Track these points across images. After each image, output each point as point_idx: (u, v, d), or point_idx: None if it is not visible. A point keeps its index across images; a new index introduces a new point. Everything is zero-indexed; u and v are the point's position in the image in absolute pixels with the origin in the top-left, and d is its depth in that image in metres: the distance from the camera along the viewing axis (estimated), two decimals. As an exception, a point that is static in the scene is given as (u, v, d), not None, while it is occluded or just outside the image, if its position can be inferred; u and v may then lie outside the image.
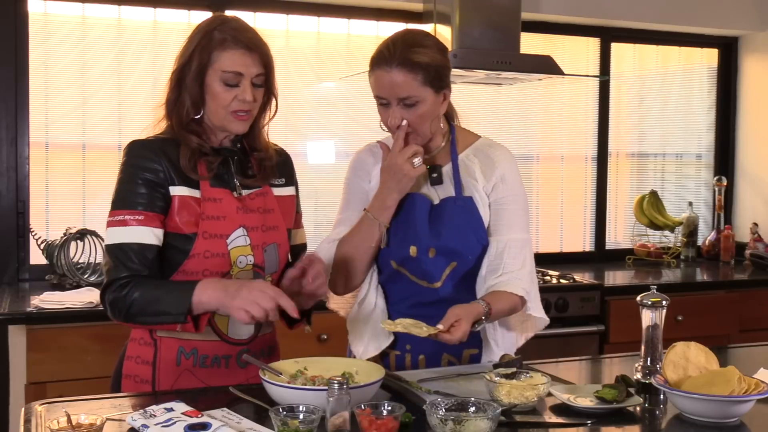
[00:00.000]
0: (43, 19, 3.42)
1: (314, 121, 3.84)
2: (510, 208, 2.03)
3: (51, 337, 2.85)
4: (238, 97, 1.82)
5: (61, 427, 1.42)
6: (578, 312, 3.53)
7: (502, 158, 2.05)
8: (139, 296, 1.74)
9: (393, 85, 1.90)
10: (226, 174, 1.89)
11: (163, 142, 1.85)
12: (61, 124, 3.47)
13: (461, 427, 1.43)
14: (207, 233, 1.81)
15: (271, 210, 1.93)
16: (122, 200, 1.80)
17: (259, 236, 1.88)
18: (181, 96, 1.85)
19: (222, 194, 1.85)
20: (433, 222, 2.00)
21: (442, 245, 1.98)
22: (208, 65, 1.81)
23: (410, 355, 2.03)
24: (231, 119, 1.84)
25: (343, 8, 3.82)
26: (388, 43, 1.93)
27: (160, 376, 1.86)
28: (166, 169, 1.81)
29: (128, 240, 1.77)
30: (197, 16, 3.61)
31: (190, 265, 1.82)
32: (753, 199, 4.57)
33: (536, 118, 4.30)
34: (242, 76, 1.81)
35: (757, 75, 4.55)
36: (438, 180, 2.02)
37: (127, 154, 1.84)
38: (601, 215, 4.42)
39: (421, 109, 1.93)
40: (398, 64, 1.88)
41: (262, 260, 1.89)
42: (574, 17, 4.12)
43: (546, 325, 2.10)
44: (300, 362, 1.76)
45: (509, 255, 1.99)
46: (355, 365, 1.77)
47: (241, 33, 1.82)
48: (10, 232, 3.36)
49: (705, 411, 1.60)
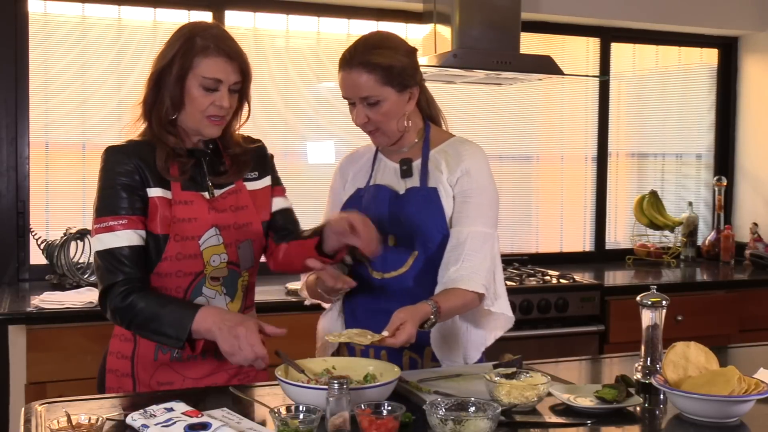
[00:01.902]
0: (43, 19, 3.42)
1: (314, 121, 3.84)
2: (474, 201, 2.02)
3: (51, 337, 2.85)
4: (215, 103, 1.87)
5: (61, 427, 1.42)
6: (578, 312, 3.53)
7: (470, 153, 2.06)
8: (142, 309, 1.80)
9: (354, 85, 1.97)
10: (198, 176, 1.94)
11: (138, 144, 1.90)
12: (61, 124, 3.47)
13: (461, 427, 1.43)
14: (178, 236, 1.87)
15: (244, 207, 1.98)
16: (105, 207, 1.86)
17: (232, 234, 1.93)
18: (160, 96, 1.89)
19: (193, 197, 1.90)
20: (394, 211, 2.04)
21: (401, 232, 2.02)
22: (189, 70, 1.86)
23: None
24: (206, 123, 1.89)
25: (343, 8, 3.83)
26: (351, 45, 2.01)
27: (139, 370, 1.92)
28: (141, 171, 1.86)
29: (118, 245, 1.83)
30: (197, 16, 3.61)
31: (163, 266, 1.87)
32: (753, 199, 4.57)
33: (536, 118, 4.30)
34: (221, 82, 1.87)
35: (757, 75, 4.55)
36: (408, 173, 2.07)
37: (104, 160, 1.90)
38: (601, 215, 4.42)
39: (384, 108, 1.98)
40: (357, 64, 1.96)
41: (236, 257, 1.94)
42: (574, 17, 4.12)
43: (512, 323, 2.09)
44: (329, 361, 1.79)
45: (470, 247, 1.97)
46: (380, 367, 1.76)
47: (222, 42, 1.87)
48: (10, 232, 3.36)
49: (705, 411, 1.60)
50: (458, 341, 2.06)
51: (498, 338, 2.12)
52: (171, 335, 1.78)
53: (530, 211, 4.33)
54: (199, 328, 1.77)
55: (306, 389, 1.57)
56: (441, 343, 2.04)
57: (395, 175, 2.09)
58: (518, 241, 4.28)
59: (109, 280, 1.82)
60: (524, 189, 4.30)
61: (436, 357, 2.04)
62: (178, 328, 1.77)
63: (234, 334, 1.72)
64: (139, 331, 1.84)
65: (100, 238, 1.84)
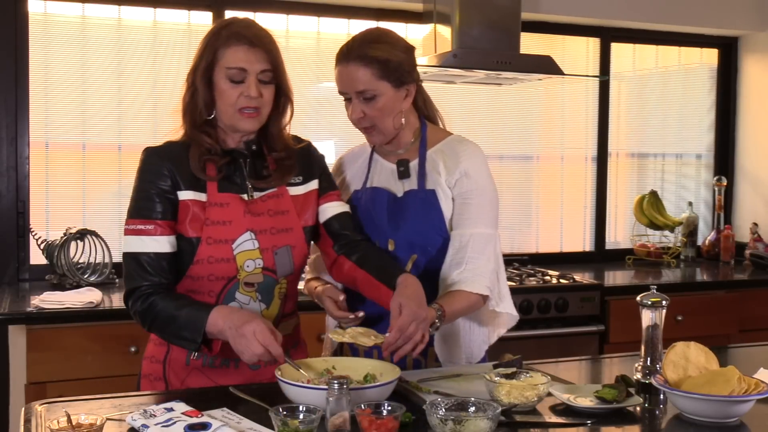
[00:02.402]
0: (43, 19, 3.42)
1: (314, 121, 3.84)
2: (474, 202, 2.01)
3: (51, 337, 2.85)
4: (244, 94, 1.82)
5: (61, 427, 1.42)
6: (578, 312, 3.53)
7: (468, 153, 2.04)
8: (160, 312, 1.79)
9: (350, 79, 1.96)
10: (236, 177, 1.89)
11: (175, 146, 1.88)
12: (61, 124, 3.47)
13: (461, 427, 1.43)
14: (211, 239, 1.83)
15: (285, 212, 1.91)
16: (137, 209, 1.84)
17: (269, 239, 1.87)
18: (194, 97, 1.86)
19: (229, 199, 1.85)
20: (393, 214, 2.02)
21: (401, 237, 2.00)
22: (214, 63, 1.83)
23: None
24: (239, 117, 1.84)
25: (343, 8, 3.83)
26: (349, 40, 2.00)
27: (170, 374, 1.90)
28: (173, 175, 1.83)
29: (144, 250, 1.81)
30: (197, 16, 3.61)
31: (195, 270, 1.84)
32: (753, 199, 4.57)
33: (536, 118, 4.30)
34: (246, 72, 1.81)
35: (757, 75, 4.55)
36: (405, 174, 2.05)
37: (141, 163, 1.88)
38: (601, 215, 4.42)
39: (379, 103, 1.97)
40: (355, 57, 1.95)
41: (273, 263, 1.88)
42: (574, 17, 4.12)
43: (516, 321, 2.09)
44: (329, 361, 1.79)
45: (473, 249, 1.98)
46: (380, 367, 1.75)
47: (245, 29, 1.83)
48: (10, 232, 3.36)
49: (705, 411, 1.60)
50: (460, 341, 2.06)
51: (499, 336, 2.13)
52: (187, 338, 1.76)
53: (530, 211, 4.33)
54: (212, 329, 1.75)
55: (306, 389, 1.57)
56: (442, 343, 2.04)
57: (392, 177, 2.07)
58: (518, 241, 4.29)
59: (130, 284, 1.83)
60: (524, 189, 4.30)
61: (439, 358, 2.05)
62: (193, 331, 1.75)
63: (241, 333, 1.70)
64: (161, 333, 1.83)
65: (128, 240, 1.83)
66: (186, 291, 1.87)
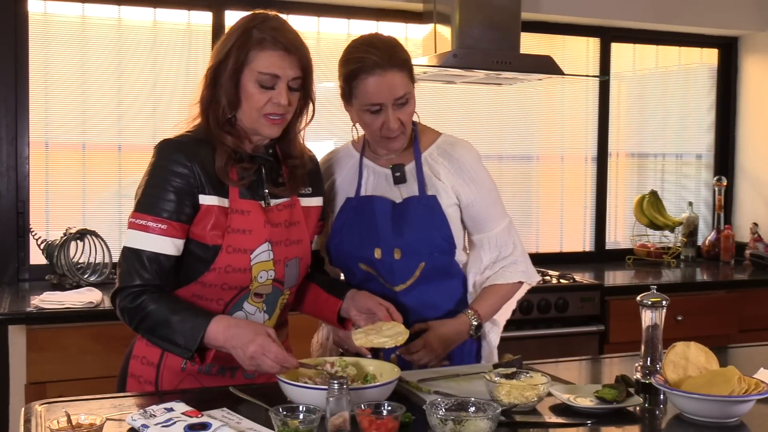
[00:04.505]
0: (43, 19, 3.42)
1: (314, 121, 3.78)
2: (485, 203, 2.06)
3: (51, 337, 2.85)
4: (273, 100, 1.75)
5: (61, 427, 1.42)
6: (578, 312, 3.53)
7: (467, 157, 2.05)
8: (152, 313, 1.70)
9: (391, 86, 1.89)
10: (256, 183, 1.83)
11: (197, 143, 1.78)
12: (61, 124, 3.47)
13: (461, 427, 1.43)
14: (231, 247, 1.75)
15: (297, 222, 1.87)
16: (148, 204, 1.74)
17: (282, 251, 1.83)
18: (216, 94, 1.77)
19: (250, 206, 1.79)
20: (396, 222, 1.99)
21: (406, 245, 1.98)
22: (244, 64, 1.74)
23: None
24: (263, 122, 1.77)
25: (343, 8, 3.82)
26: (367, 49, 1.90)
27: (164, 380, 1.84)
28: (198, 176, 1.74)
29: (145, 247, 1.72)
30: (197, 16, 3.61)
31: (209, 277, 1.77)
32: (753, 199, 4.57)
33: (536, 118, 4.30)
34: (278, 78, 1.75)
35: (757, 75, 4.55)
36: (401, 179, 2.01)
37: (159, 155, 1.77)
38: (601, 215, 4.42)
39: (411, 106, 1.96)
40: (392, 65, 1.89)
41: (283, 275, 1.84)
42: (574, 17, 4.12)
43: (538, 280, 2.15)
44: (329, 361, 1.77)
45: (503, 244, 2.07)
46: (380, 367, 1.76)
47: (280, 33, 1.75)
48: (10, 232, 3.36)
49: (705, 411, 1.60)
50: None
51: (499, 336, 2.14)
52: (180, 344, 1.68)
53: (530, 211, 4.33)
54: (212, 342, 1.68)
55: (306, 389, 1.57)
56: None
57: (387, 182, 2.03)
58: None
59: (124, 281, 1.73)
60: (524, 189, 4.30)
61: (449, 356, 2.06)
62: (189, 338, 1.67)
63: (249, 355, 1.63)
64: (147, 335, 1.73)
65: (132, 234, 1.73)
66: (191, 296, 1.79)
